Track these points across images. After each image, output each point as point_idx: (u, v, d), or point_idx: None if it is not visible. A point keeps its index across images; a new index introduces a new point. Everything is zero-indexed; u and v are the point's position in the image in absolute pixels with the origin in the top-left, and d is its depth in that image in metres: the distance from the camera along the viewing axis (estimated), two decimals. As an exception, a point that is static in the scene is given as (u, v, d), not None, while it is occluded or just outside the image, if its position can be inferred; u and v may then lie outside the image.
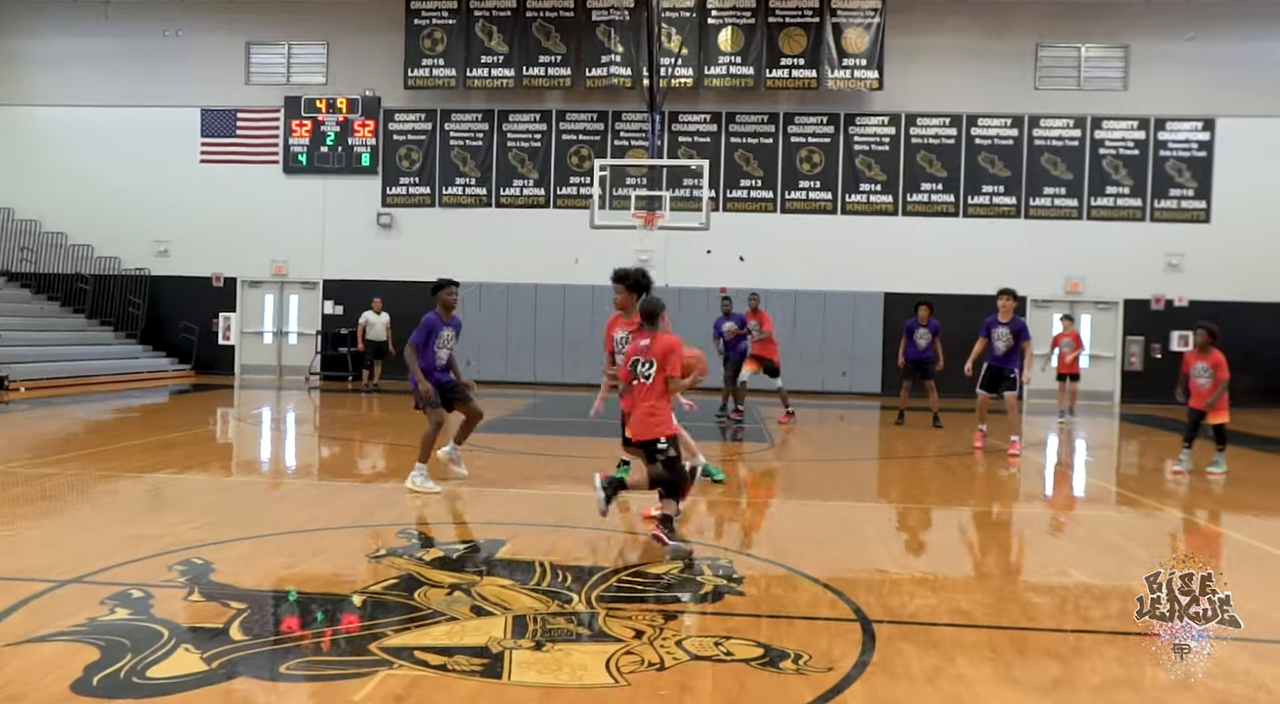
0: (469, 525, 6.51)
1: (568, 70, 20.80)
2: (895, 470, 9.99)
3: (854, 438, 13.27)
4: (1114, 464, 12.02)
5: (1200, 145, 20.35)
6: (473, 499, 7.47)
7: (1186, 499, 8.63)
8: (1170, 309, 20.36)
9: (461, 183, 21.72)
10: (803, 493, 8.48)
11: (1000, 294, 11.59)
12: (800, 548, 5.97)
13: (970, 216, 20.77)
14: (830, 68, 20.28)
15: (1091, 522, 7.48)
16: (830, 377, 20.99)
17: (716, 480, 8.11)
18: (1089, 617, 4.71)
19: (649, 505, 6.52)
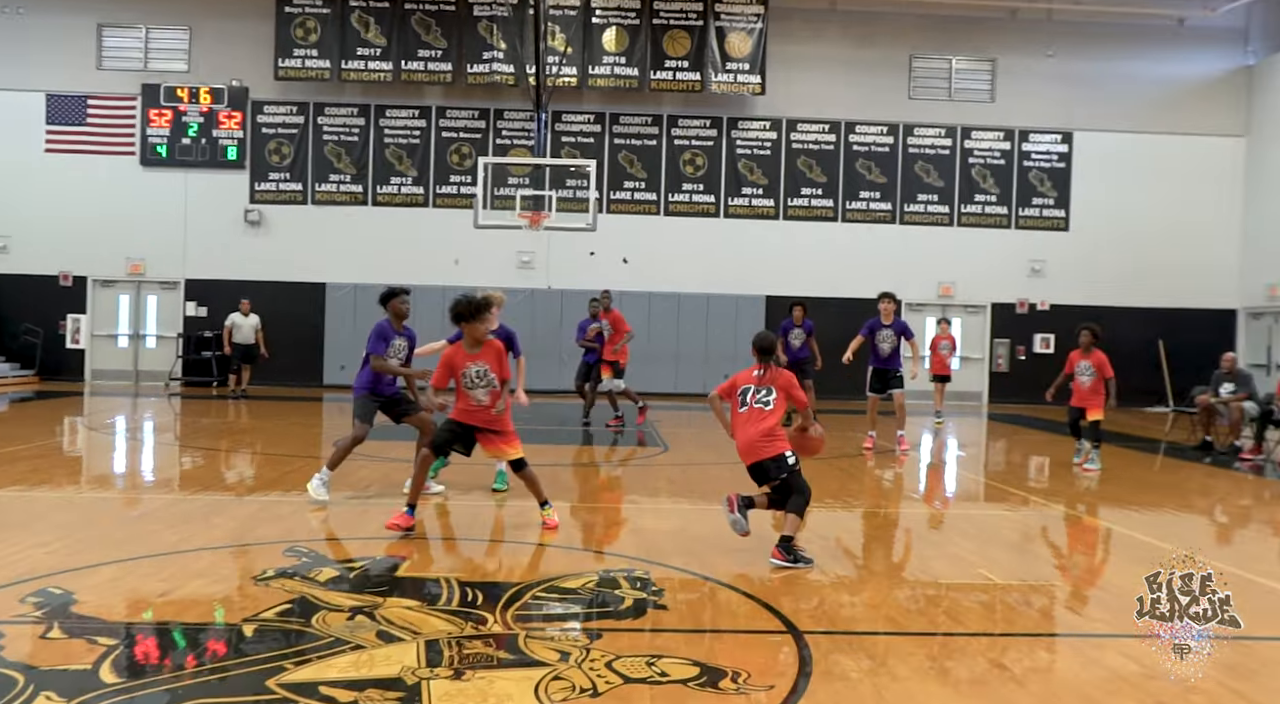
0: (364, 541, 6.08)
1: (448, 66, 20.23)
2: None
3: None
4: (998, 462, 12.37)
5: (1060, 157, 21.37)
6: (365, 512, 7.01)
7: (1070, 495, 8.91)
8: (1033, 312, 21.29)
9: (336, 180, 20.85)
10: (706, 497, 8.34)
11: (881, 297, 11.86)
12: (714, 555, 5.80)
13: (849, 221, 21.23)
14: (714, 71, 20.37)
15: (988, 520, 7.59)
16: (714, 379, 20.89)
17: (497, 489, 7.88)
18: (1016, 619, 4.69)
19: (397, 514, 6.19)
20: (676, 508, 7.51)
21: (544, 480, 6.56)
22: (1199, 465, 11.41)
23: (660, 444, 11.96)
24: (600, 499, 7.85)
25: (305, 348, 20.62)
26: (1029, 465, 11.75)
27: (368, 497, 7.58)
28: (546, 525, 6.33)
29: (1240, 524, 8.38)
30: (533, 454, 9.90)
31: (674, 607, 4.62)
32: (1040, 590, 5.22)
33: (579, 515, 7.06)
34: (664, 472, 9.52)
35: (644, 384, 21.17)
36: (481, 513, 7.16)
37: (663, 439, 12.48)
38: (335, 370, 20.68)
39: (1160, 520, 7.84)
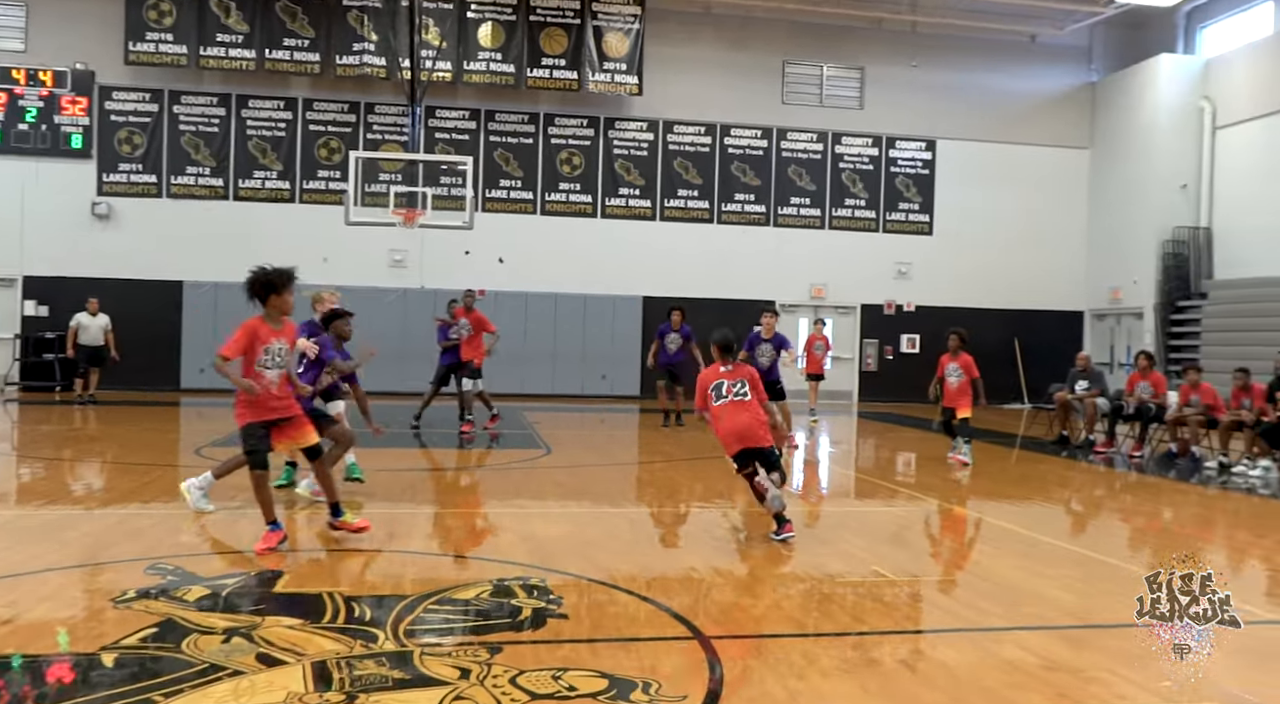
0: (237, 554, 5.68)
1: (316, 56, 19.44)
2: (679, 473, 9.94)
3: (628, 441, 13.20)
4: (875, 459, 12.68)
5: (924, 164, 22.19)
6: (236, 523, 6.58)
7: (944, 490, 9.18)
8: (900, 314, 22.03)
9: (194, 172, 19.74)
10: (595, 499, 8.21)
11: (764, 312, 12.13)
12: (609, 559, 5.68)
13: (725, 223, 21.47)
14: (591, 70, 20.26)
15: (872, 516, 7.73)
16: (590, 380, 20.97)
17: (354, 478, 7.83)
18: (916, 615, 4.74)
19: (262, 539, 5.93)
20: (566, 512, 7.35)
21: (427, 486, 6.31)
22: (1058, 459, 11.98)
23: (543, 446, 11.76)
24: (486, 504, 7.61)
25: (161, 349, 19.45)
26: (900, 461, 12.08)
27: (236, 507, 7.12)
28: (349, 528, 5.97)
29: (1096, 513, 8.81)
30: (413, 459, 9.57)
31: (575, 615, 4.47)
32: (932, 585, 5.31)
33: (465, 521, 6.82)
34: (549, 474, 9.34)
35: (521, 385, 20.91)
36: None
37: (544, 441, 12.28)
38: (194, 373, 19.58)
39: (1030, 512, 8.16)
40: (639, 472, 9.88)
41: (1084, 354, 13.76)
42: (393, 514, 7.12)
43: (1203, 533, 7.70)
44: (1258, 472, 10.22)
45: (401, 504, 7.66)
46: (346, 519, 6.04)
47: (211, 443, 11.04)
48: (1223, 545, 7.29)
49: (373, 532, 6.21)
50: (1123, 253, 21.33)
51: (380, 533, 6.35)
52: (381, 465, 9.89)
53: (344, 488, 7.89)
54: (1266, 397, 10.40)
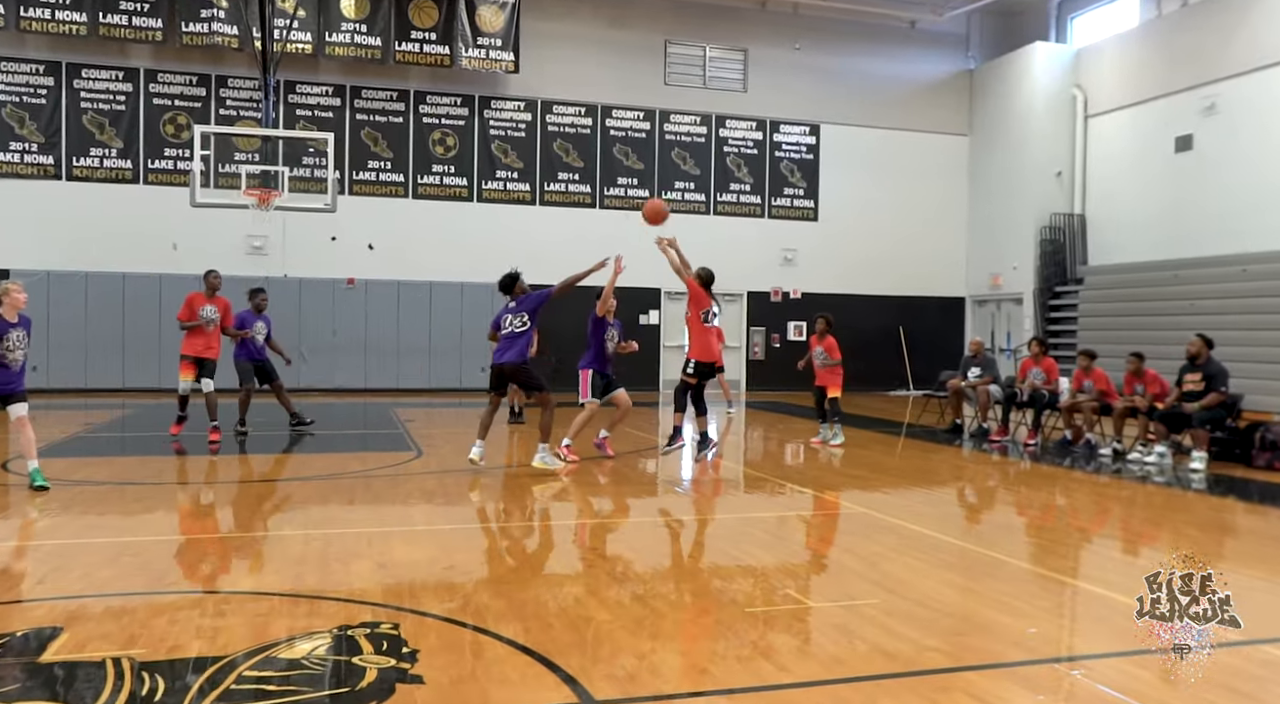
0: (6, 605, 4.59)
1: (158, 22, 17.70)
2: (564, 478, 9.12)
3: (507, 440, 12.27)
4: (764, 453, 12.13)
5: (808, 149, 21.90)
6: (9, 559, 5.43)
7: (852, 490, 8.63)
8: (787, 301, 21.70)
9: (19, 148, 17.76)
10: (465, 511, 7.32)
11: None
12: (478, 591, 4.83)
13: (607, 208, 20.69)
14: (464, 46, 19.12)
15: (774, 524, 7.08)
16: (470, 372, 19.88)
17: (38, 487, 7.46)
18: (847, 655, 4.05)
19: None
20: (432, 529, 6.43)
21: (271, 500, 5.32)
22: (953, 449, 11.68)
23: (413, 448, 10.74)
24: (339, 522, 6.62)
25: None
26: (794, 455, 11.55)
27: (28, 537, 5.96)
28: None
29: (1004, 503, 8.42)
30: (264, 465, 8.42)
31: (431, 676, 3.61)
32: (857, 611, 4.65)
33: (310, 546, 5.84)
34: (417, 482, 8.37)
35: (396, 380, 19.70)
36: (148, 550, 5.76)
37: (416, 442, 11.26)
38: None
39: (944, 513, 7.67)
40: (519, 477, 9.01)
41: (976, 340, 13.56)
42: (221, 540, 6.09)
43: (1148, 533, 7.34)
44: (1153, 458, 10.07)
45: (235, 526, 6.61)
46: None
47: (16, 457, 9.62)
48: (1138, 536, 6.95)
49: (194, 567, 5.19)
50: (1002, 239, 21.51)
51: (203, 566, 5.33)
52: (216, 476, 8.77)
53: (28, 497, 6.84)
54: (1178, 380, 10.25)
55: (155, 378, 18.10)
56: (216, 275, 11.35)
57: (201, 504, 7.42)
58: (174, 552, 5.86)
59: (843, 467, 9.91)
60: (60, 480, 8.29)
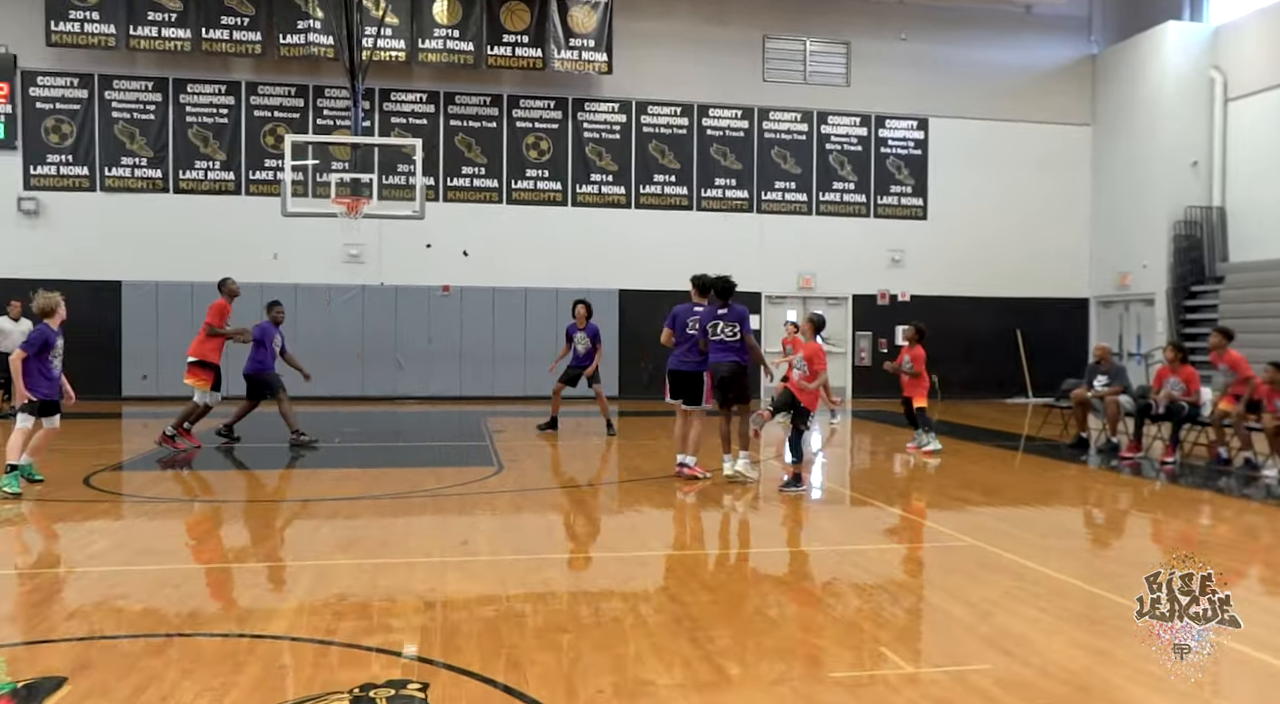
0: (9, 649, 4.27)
1: (258, 35, 17.93)
2: (653, 501, 8.54)
3: (598, 453, 11.77)
4: (870, 473, 11.32)
5: (916, 144, 20.80)
6: (54, 588, 5.16)
7: (967, 521, 7.80)
8: (895, 304, 20.66)
9: (130, 163, 18.24)
10: (533, 538, 6.82)
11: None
12: (529, 643, 4.29)
13: (704, 210, 20.07)
14: (557, 48, 18.79)
15: (875, 558, 6.35)
16: (565, 380, 19.51)
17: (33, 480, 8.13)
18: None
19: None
20: (494, 560, 5.94)
21: (331, 520, 4.90)
22: (1080, 467, 10.63)
23: (495, 463, 10.34)
24: (392, 550, 6.20)
25: (99, 356, 17.95)
26: (903, 474, 10.69)
27: (37, 566, 5.71)
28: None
29: (1140, 535, 7.45)
30: (334, 481, 8.07)
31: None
32: (963, 681, 3.92)
33: (355, 578, 5.41)
34: (488, 503, 7.93)
35: (491, 387, 19.49)
36: (190, 581, 5.41)
37: (499, 456, 10.86)
38: (136, 380, 18.18)
39: (1075, 552, 6.79)
40: (603, 498, 8.48)
41: (1102, 345, 12.40)
42: (270, 570, 5.73)
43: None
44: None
45: (288, 552, 6.26)
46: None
47: (109, 466, 9.61)
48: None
49: (232, 603, 4.82)
50: (1130, 236, 19.99)
51: (241, 601, 4.96)
52: (285, 493, 8.47)
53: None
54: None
55: (257, 386, 18.32)
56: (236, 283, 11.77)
57: (260, 526, 7.12)
58: (216, 583, 5.52)
59: (951, 486, 9.04)
60: (134, 496, 8.16)
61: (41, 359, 8.06)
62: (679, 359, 9.12)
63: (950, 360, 20.21)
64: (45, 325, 8.17)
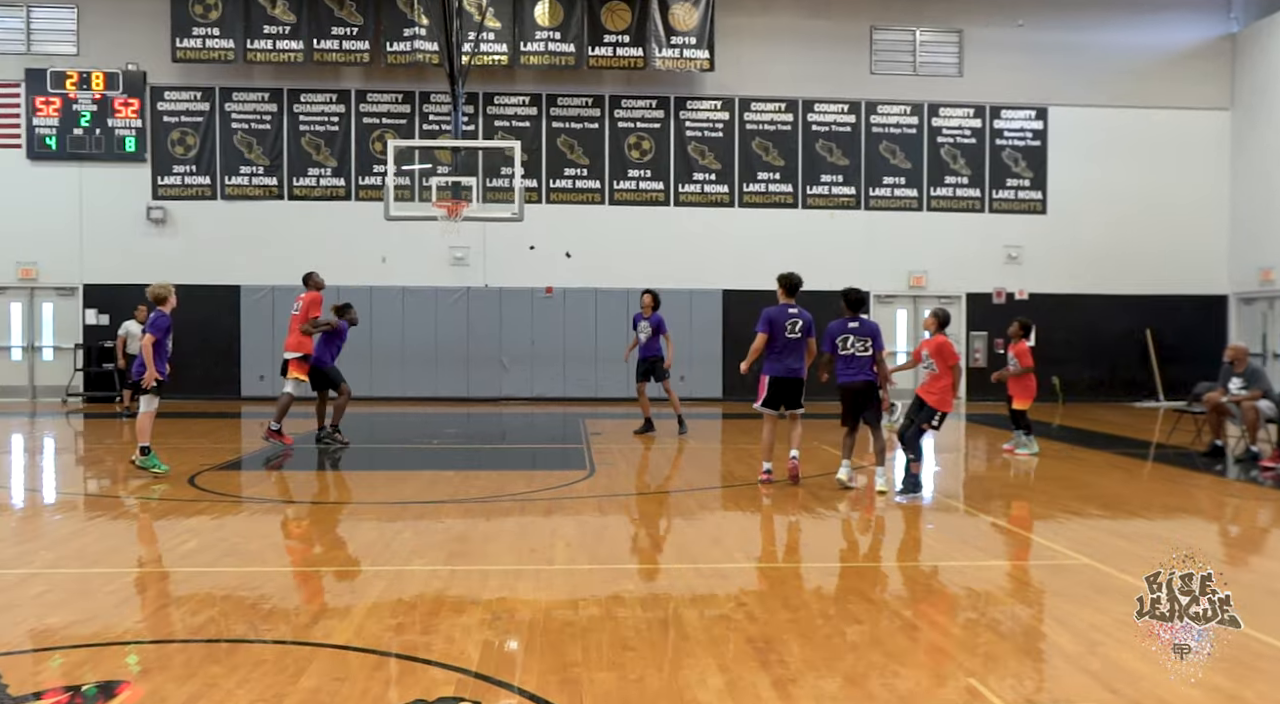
0: (81, 651, 4.31)
1: (365, 44, 18.35)
2: (745, 507, 8.26)
3: (696, 456, 11.53)
4: (984, 483, 10.75)
5: (1034, 134, 19.81)
6: (133, 589, 5.23)
7: (1039, 517, 7.25)
8: (1011, 303, 19.72)
9: (247, 172, 18.93)
10: (611, 548, 6.62)
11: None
12: (592, 658, 4.09)
13: (810, 208, 19.58)
14: (658, 46, 18.63)
15: (987, 580, 5.93)
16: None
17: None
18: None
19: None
20: (569, 569, 5.78)
21: (415, 522, 4.83)
22: (1209, 476, 9.83)
23: (587, 466, 10.21)
24: (469, 556, 6.10)
25: (219, 357, 18.77)
26: (1023, 487, 10.10)
27: (113, 566, 5.79)
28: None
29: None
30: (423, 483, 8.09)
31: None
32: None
33: (427, 585, 5.32)
34: (574, 508, 7.78)
35: (595, 389, 19.45)
36: (267, 584, 5.38)
37: (592, 459, 10.73)
38: (254, 381, 18.83)
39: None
40: (691, 504, 8.24)
41: (1237, 345, 11.45)
42: (343, 574, 5.70)
43: None
44: None
45: (366, 557, 6.23)
46: None
47: (216, 466, 9.89)
48: None
49: (301, 609, 4.79)
50: (1273, 228, 18.56)
51: (311, 607, 4.92)
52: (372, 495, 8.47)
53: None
54: None
55: (367, 386, 18.77)
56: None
57: (345, 529, 7.14)
58: (290, 588, 5.51)
59: (1067, 497, 8.45)
60: (232, 497, 8.34)
61: (163, 343, 8.95)
62: (785, 366, 8.69)
63: (1073, 362, 19.20)
64: (161, 312, 9.03)
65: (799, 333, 8.67)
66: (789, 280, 8.91)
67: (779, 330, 8.64)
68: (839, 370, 8.59)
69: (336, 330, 11.69)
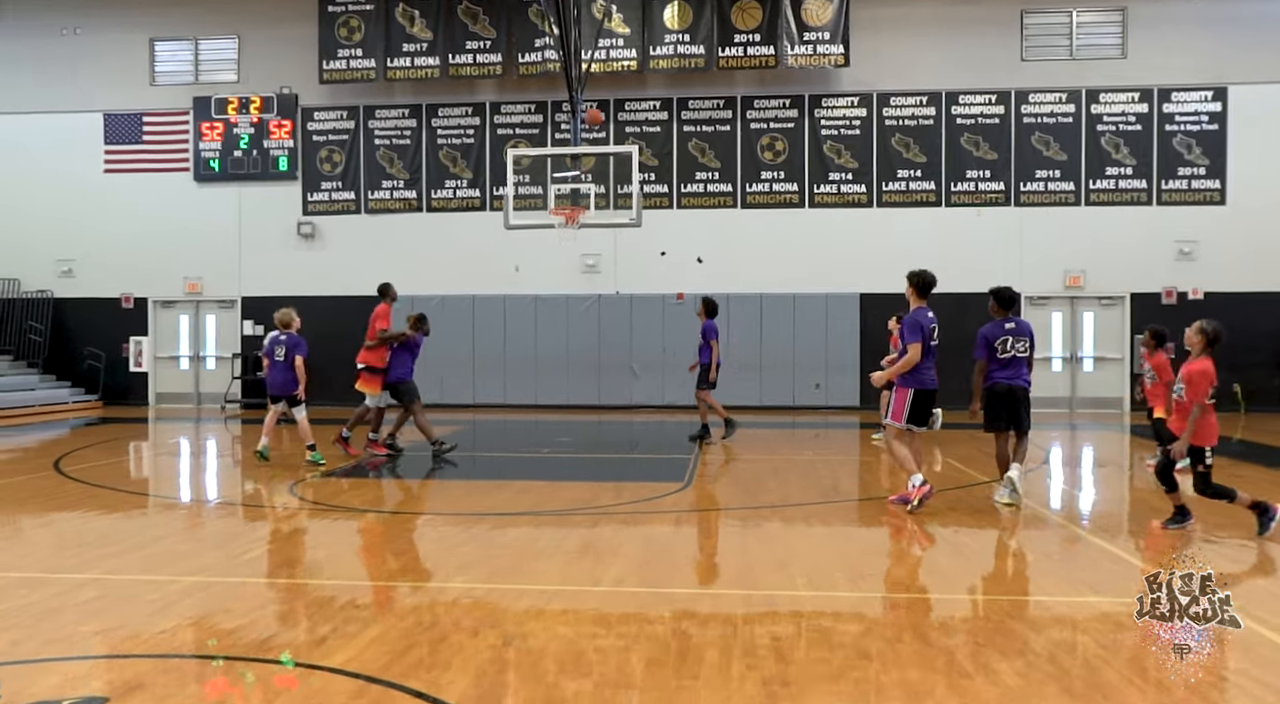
0: (68, 662, 4.31)
1: (498, 57, 18.67)
2: (823, 528, 7.70)
3: (803, 471, 10.95)
4: (1132, 502, 9.72)
5: (1211, 117, 17.99)
6: (138, 599, 5.26)
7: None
8: (1184, 303, 17.97)
9: (389, 186, 19.61)
10: (659, 571, 6.23)
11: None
12: (577, 701, 3.75)
13: (954, 205, 18.49)
14: (790, 44, 18.06)
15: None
16: (802, 390, 18.72)
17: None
18: None
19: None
20: (611, 591, 5.43)
21: (485, 534, 4.64)
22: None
23: (685, 478, 9.84)
24: (514, 574, 5.85)
25: (365, 366, 19.45)
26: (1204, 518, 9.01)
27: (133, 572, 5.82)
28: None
29: None
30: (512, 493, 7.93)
31: None
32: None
33: (455, 604, 5.09)
34: (648, 524, 7.42)
35: (726, 396, 18.95)
36: (298, 597, 5.28)
37: (693, 471, 10.34)
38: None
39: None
40: (776, 521, 7.73)
41: None
42: (379, 590, 5.56)
43: None
44: None
45: (410, 572, 6.08)
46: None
47: (323, 474, 10.11)
48: None
49: (308, 627, 4.67)
50: None
51: (324, 626, 4.79)
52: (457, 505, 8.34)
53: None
54: None
55: (501, 394, 19.07)
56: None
57: (402, 542, 7.05)
58: (317, 603, 5.38)
59: (1217, 523, 7.42)
60: (324, 504, 8.45)
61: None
62: (931, 377, 7.91)
63: (1258, 367, 17.29)
64: (295, 333, 10.90)
65: (936, 340, 7.94)
66: (922, 279, 8.08)
67: (926, 337, 7.79)
68: (995, 373, 7.97)
69: (409, 342, 11.49)
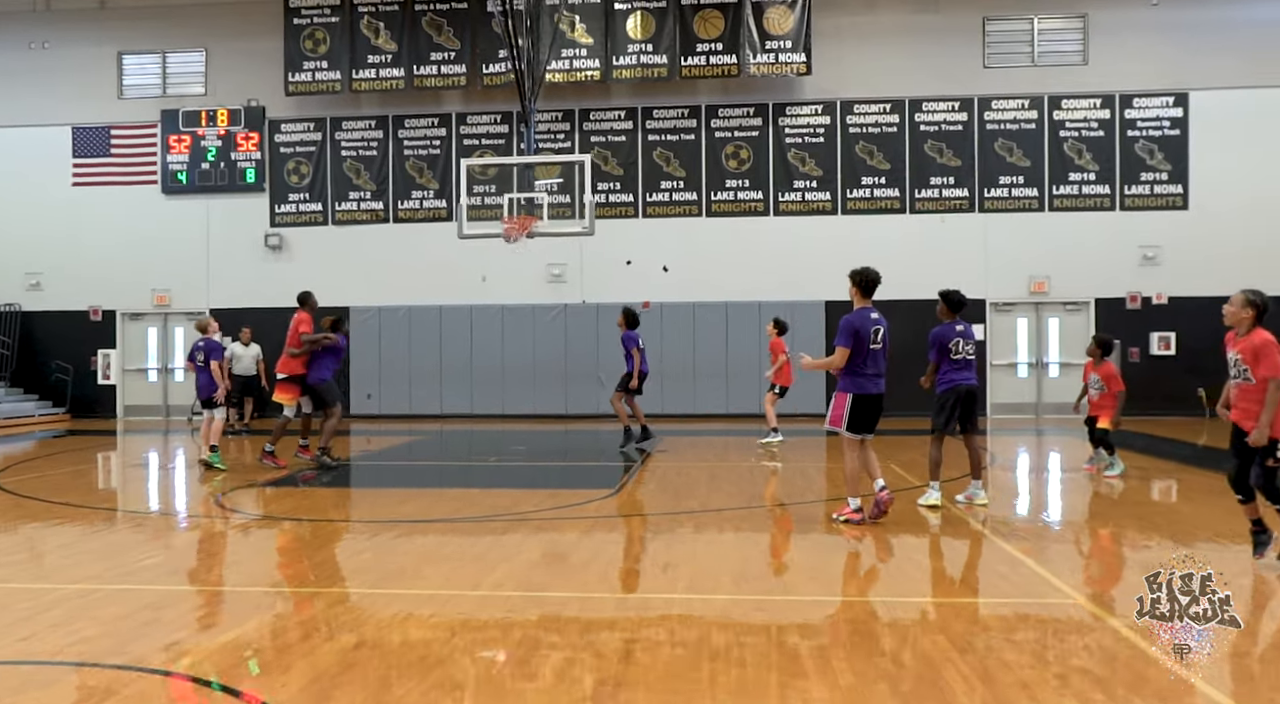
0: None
1: (463, 68, 18.74)
2: (747, 533, 7.66)
3: (748, 475, 10.91)
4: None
5: (1172, 122, 18.02)
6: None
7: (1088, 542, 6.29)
8: (1148, 308, 17.97)
9: (356, 197, 19.65)
10: (547, 576, 6.20)
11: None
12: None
13: (919, 212, 18.51)
14: (752, 52, 18.11)
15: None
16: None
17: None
18: None
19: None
20: (487, 596, 5.38)
21: (398, 539, 4.60)
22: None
23: (615, 485, 9.78)
24: (405, 579, 5.81)
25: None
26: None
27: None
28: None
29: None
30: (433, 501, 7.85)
31: None
32: None
33: (314, 609, 5.06)
34: (563, 527, 7.39)
35: (692, 404, 18.99)
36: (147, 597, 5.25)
37: (630, 477, 10.29)
38: (362, 399, 19.38)
39: None
40: (689, 526, 7.68)
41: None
42: (252, 597, 5.53)
43: None
44: None
45: (317, 577, 6.06)
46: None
47: (253, 484, 10.08)
48: None
49: (175, 636, 4.64)
50: None
51: (190, 629, 4.75)
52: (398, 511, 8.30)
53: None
54: None
55: (468, 404, 19.05)
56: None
57: (305, 551, 7.02)
58: (189, 610, 5.34)
59: (1137, 518, 7.39)
60: (234, 512, 8.40)
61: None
62: (874, 381, 7.45)
63: (1223, 371, 17.20)
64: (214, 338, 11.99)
65: (881, 342, 7.50)
66: (864, 277, 7.75)
67: (863, 341, 7.38)
68: (954, 375, 8.08)
69: (333, 346, 11.38)
